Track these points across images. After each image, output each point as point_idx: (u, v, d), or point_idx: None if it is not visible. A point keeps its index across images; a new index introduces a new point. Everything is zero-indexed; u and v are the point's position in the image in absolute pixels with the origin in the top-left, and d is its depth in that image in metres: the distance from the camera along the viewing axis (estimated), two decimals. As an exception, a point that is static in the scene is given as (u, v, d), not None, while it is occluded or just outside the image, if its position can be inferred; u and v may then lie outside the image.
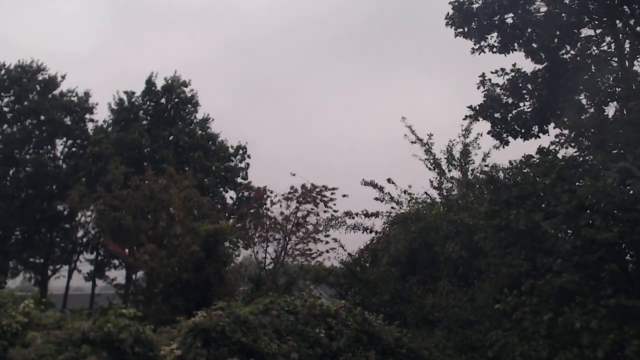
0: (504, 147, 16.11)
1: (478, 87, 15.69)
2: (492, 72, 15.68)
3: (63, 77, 32.02)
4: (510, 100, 15.74)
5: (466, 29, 16.02)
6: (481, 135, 19.02)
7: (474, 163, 19.30)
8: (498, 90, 15.65)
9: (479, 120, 16.09)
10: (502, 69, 15.51)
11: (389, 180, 19.45)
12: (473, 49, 16.24)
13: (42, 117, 30.28)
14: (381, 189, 19.51)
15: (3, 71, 30.71)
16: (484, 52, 16.18)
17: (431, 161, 19.43)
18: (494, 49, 16.03)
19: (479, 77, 15.68)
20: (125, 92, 32.46)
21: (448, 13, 16.08)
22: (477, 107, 15.86)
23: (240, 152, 33.95)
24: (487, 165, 17.42)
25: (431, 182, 19.42)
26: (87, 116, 32.39)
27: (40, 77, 31.54)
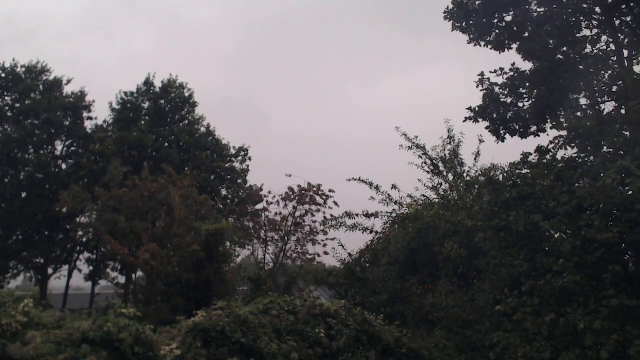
0: (498, 143, 16.11)
1: (477, 86, 15.67)
2: (491, 72, 15.69)
3: (69, 81, 32.34)
4: (508, 100, 15.72)
5: (464, 24, 16.05)
6: (463, 134, 19.42)
7: (465, 165, 19.50)
8: (497, 89, 15.63)
9: (478, 122, 16.05)
10: (501, 69, 15.48)
11: (393, 186, 19.55)
12: (469, 40, 16.28)
13: (42, 117, 30.27)
14: (377, 187, 19.53)
15: (5, 71, 30.74)
16: (480, 46, 16.22)
17: (428, 164, 19.50)
18: (489, 46, 16.04)
19: (478, 75, 15.65)
20: (126, 93, 32.85)
21: (448, 7, 16.13)
22: (477, 108, 15.84)
23: (242, 153, 34.13)
24: (486, 169, 17.46)
25: (423, 183, 19.56)
26: (85, 115, 32.47)
27: (44, 79, 31.62)
